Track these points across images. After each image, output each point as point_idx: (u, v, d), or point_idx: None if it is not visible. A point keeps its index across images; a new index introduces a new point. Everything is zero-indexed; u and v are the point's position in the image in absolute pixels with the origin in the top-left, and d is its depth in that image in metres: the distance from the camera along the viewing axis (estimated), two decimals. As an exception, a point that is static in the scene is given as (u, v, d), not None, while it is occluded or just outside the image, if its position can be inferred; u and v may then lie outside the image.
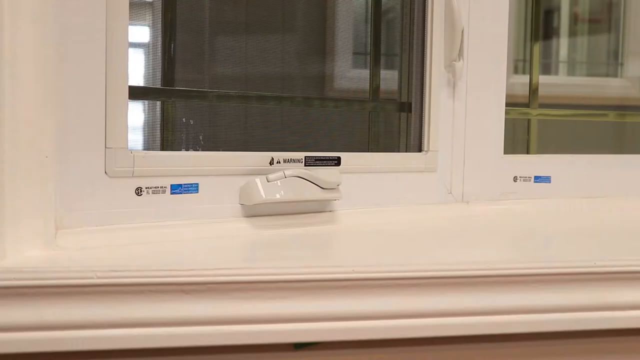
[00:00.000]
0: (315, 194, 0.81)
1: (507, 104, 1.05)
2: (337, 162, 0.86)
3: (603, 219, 0.96)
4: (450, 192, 0.96)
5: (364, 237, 0.80)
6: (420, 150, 0.95)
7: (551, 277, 0.64)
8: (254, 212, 0.80)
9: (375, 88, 0.99)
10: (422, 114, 0.95)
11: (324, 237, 0.79)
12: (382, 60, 1.04)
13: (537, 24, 1.09)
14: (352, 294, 0.61)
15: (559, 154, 1.09)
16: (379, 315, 0.61)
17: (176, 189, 0.76)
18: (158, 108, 0.89)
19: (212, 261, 0.63)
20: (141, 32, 0.91)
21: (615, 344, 0.68)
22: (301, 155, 0.83)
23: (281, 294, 0.59)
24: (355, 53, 1.14)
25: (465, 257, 0.71)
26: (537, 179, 1.01)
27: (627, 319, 0.66)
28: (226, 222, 0.78)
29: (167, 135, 0.89)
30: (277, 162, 0.82)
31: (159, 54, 0.89)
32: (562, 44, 2.14)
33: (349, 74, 1.13)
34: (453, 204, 0.96)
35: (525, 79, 1.14)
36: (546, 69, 2.15)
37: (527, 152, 1.09)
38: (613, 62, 1.99)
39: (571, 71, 2.15)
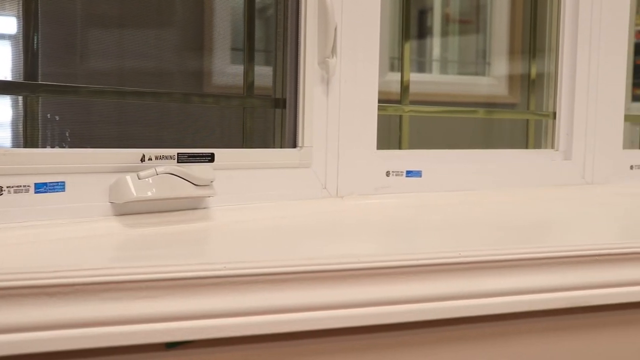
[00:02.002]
0: (188, 191, 0.80)
1: (383, 101, 1.07)
2: (210, 158, 0.85)
3: (471, 212, 1.00)
4: (325, 187, 0.97)
5: (238, 233, 0.79)
6: (294, 146, 0.96)
7: (418, 268, 0.66)
8: (125, 210, 0.78)
9: (249, 84, 0.99)
10: (296, 110, 0.95)
11: (197, 234, 0.78)
12: (258, 56, 1.04)
13: (407, 23, 1.12)
14: (225, 291, 0.61)
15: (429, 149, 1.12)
16: (252, 311, 0.61)
17: (41, 187, 0.73)
18: (20, 103, 0.85)
19: (78, 262, 0.61)
20: (1, 23, 0.86)
21: (479, 329, 0.71)
22: (174, 152, 0.82)
23: (151, 293, 0.58)
24: (232, 49, 1.14)
25: (338, 251, 0.72)
26: (409, 173, 1.04)
27: (490, 306, 0.70)
28: (95, 221, 0.75)
29: (30, 132, 0.85)
30: (149, 159, 0.80)
31: (21, 46, 0.85)
32: (435, 43, 2.21)
33: (225, 70, 1.12)
34: (327, 198, 0.97)
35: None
36: (421, 67, 2.22)
37: (400, 148, 1.12)
38: (481, 62, 2.08)
39: (444, 69, 2.23)
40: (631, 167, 1.25)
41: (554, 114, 1.21)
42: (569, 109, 1.19)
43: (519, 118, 1.41)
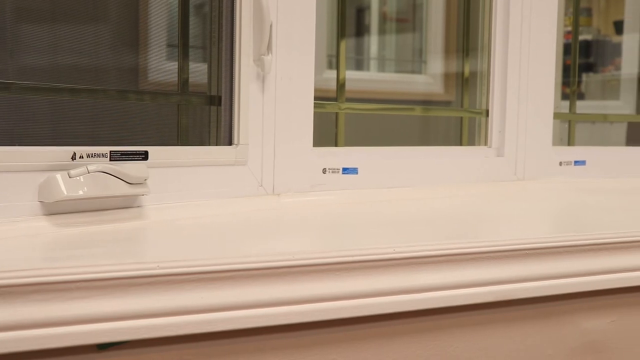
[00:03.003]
0: (121, 189, 0.79)
1: (322, 98, 1.07)
2: (144, 156, 0.84)
3: (407, 208, 1.01)
4: (262, 185, 0.97)
5: (173, 232, 0.79)
6: (230, 143, 0.95)
7: (353, 264, 0.67)
8: (56, 209, 0.76)
9: (184, 81, 0.98)
10: (231, 107, 0.95)
11: (131, 233, 0.77)
12: (195, 53, 1.03)
13: (343, 21, 1.13)
14: (158, 290, 0.60)
15: (366, 146, 1.13)
16: (186, 310, 0.61)
17: (-35, 187, 0.70)
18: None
19: (6, 263, 0.60)
20: None
21: (414, 324, 0.72)
22: (106, 149, 0.81)
23: (82, 294, 0.57)
24: (169, 46, 1.12)
25: (273, 248, 0.72)
26: (345, 170, 1.05)
27: (424, 301, 0.71)
28: (24, 221, 0.73)
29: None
30: (80, 157, 0.78)
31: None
32: (373, 42, 2.23)
33: (161, 67, 1.11)
34: (264, 196, 0.97)
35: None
36: (359, 65, 2.24)
37: (336, 145, 1.12)
38: (418, 60, 2.11)
39: (381, 67, 2.25)
40: (560, 164, 1.28)
41: (487, 111, 1.24)
42: (501, 107, 1.22)
43: (454, 115, 1.43)
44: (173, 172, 0.88)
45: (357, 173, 1.06)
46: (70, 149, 0.78)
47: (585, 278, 0.78)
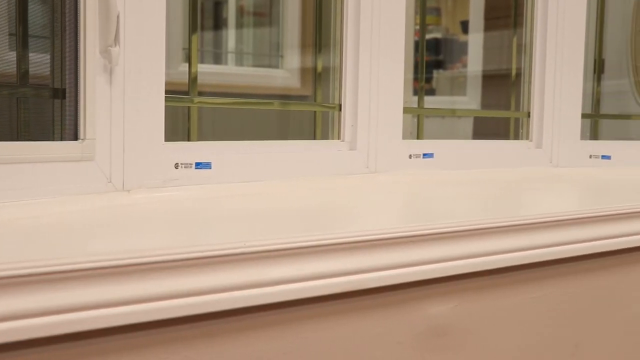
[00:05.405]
0: (-47, 187, 0.74)
1: (178, 92, 1.05)
2: (-21, 152, 0.79)
3: (261, 202, 1.01)
4: (110, 181, 0.94)
5: (12, 232, 0.75)
6: (76, 138, 0.91)
7: (203, 260, 0.66)
8: None
9: (23, 72, 0.93)
10: (77, 101, 0.91)
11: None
12: (38, 43, 0.98)
13: (195, 14, 1.11)
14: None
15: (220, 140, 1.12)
16: (25, 314, 0.58)
17: None
18: None
19: None
20: None
21: (266, 318, 0.73)
22: None
23: None
24: (11, 34, 1.06)
25: (122, 246, 0.70)
26: (198, 165, 1.04)
27: (275, 294, 0.71)
28: None
29: None
30: None
31: None
32: (231, 35, 2.22)
33: (1, 57, 1.05)
34: (113, 193, 0.94)
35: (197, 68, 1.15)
36: (217, 59, 2.22)
37: (189, 140, 1.10)
38: (275, 54, 2.12)
39: (239, 61, 2.24)
40: (410, 156, 1.33)
41: (340, 106, 1.26)
42: (353, 102, 1.25)
43: (308, 110, 1.45)
44: (12, 168, 0.83)
45: (210, 168, 1.05)
46: None
47: (430, 266, 0.81)
